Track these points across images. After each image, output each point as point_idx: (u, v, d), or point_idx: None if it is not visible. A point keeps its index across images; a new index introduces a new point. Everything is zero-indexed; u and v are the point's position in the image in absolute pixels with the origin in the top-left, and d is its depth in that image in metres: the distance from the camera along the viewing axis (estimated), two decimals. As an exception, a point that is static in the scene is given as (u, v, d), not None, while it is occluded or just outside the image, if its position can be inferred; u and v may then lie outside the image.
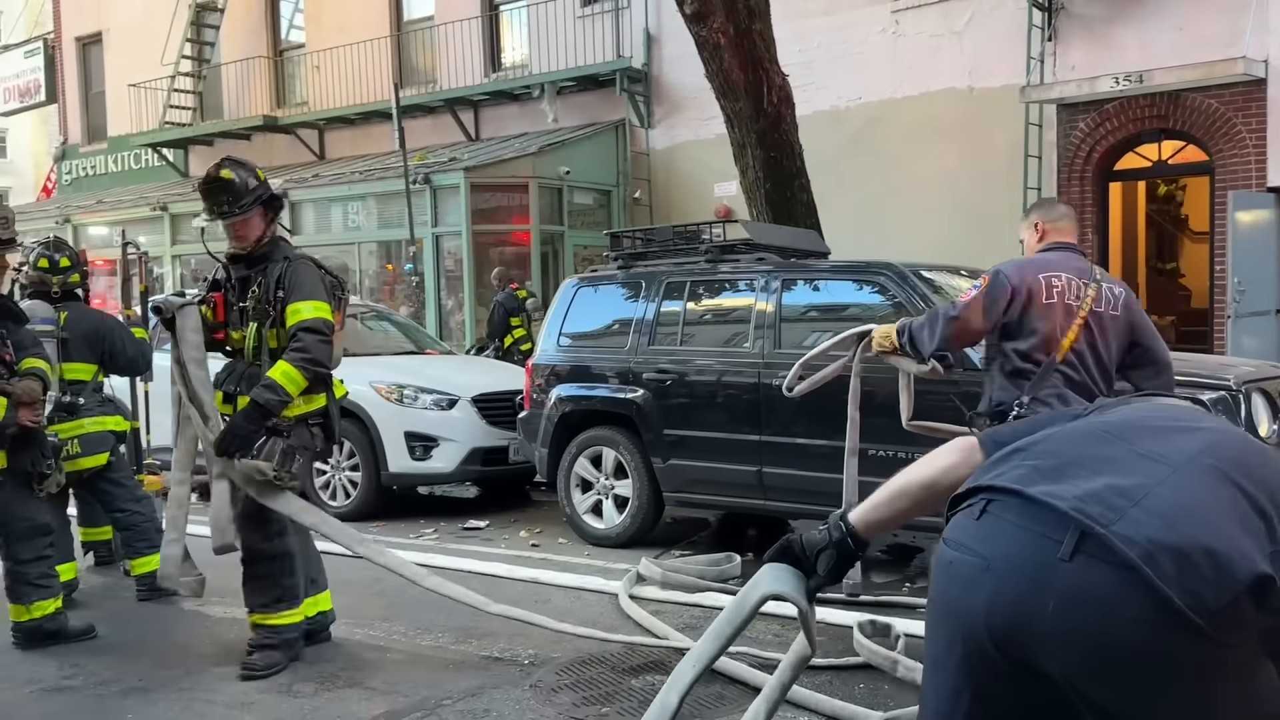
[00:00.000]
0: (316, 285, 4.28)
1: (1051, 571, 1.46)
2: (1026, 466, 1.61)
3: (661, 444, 6.30)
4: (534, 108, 14.62)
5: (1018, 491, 1.56)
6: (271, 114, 17.26)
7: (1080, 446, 1.64)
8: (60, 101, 21.45)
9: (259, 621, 4.30)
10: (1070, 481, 1.52)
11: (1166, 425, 1.67)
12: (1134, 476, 1.51)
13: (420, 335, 10.28)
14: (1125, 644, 1.41)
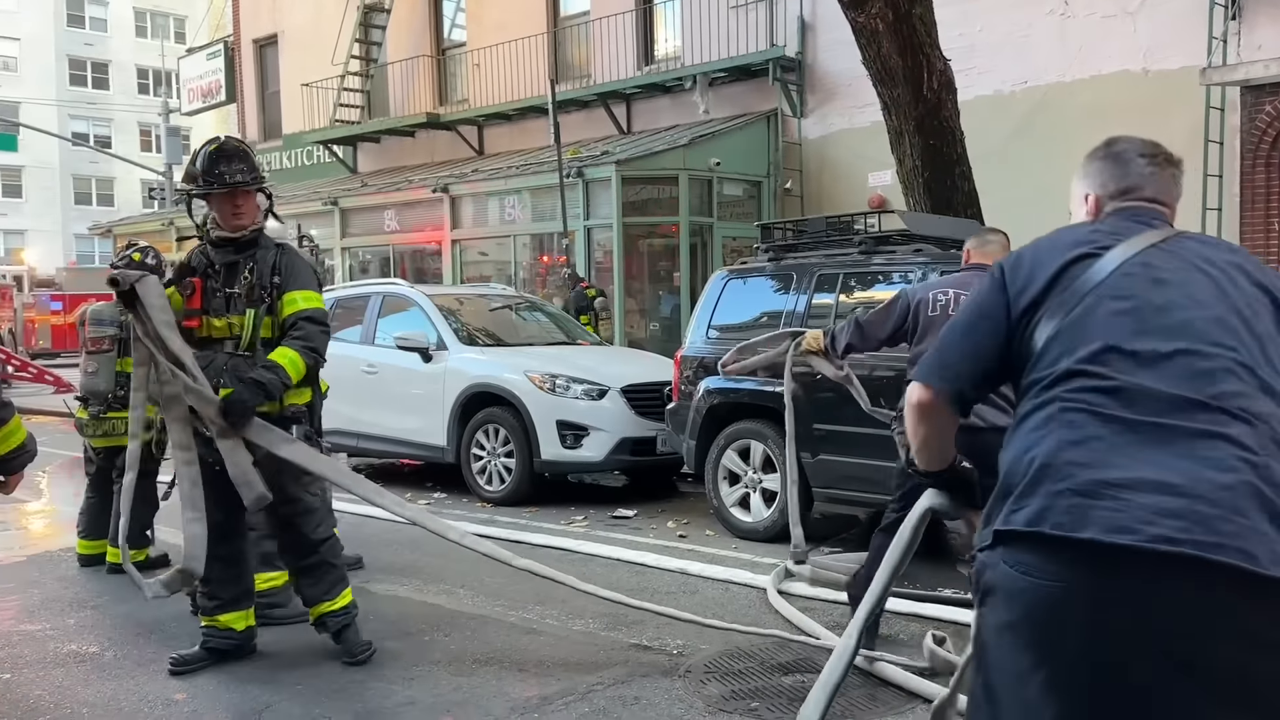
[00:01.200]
0: (311, 276, 4.27)
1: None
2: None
3: (811, 438, 6.22)
4: (685, 99, 14.63)
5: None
6: (434, 111, 17.85)
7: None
8: (239, 101, 22.76)
9: (325, 610, 4.29)
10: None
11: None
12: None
13: (572, 326, 10.45)
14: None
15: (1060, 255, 1.96)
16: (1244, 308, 1.86)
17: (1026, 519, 1.74)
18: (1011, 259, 2.04)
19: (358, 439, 8.93)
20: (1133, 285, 1.88)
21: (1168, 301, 1.86)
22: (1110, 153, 2.11)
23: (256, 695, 3.94)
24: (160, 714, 3.80)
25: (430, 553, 6.34)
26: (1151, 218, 2.03)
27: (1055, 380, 1.86)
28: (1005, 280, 2.01)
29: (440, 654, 4.39)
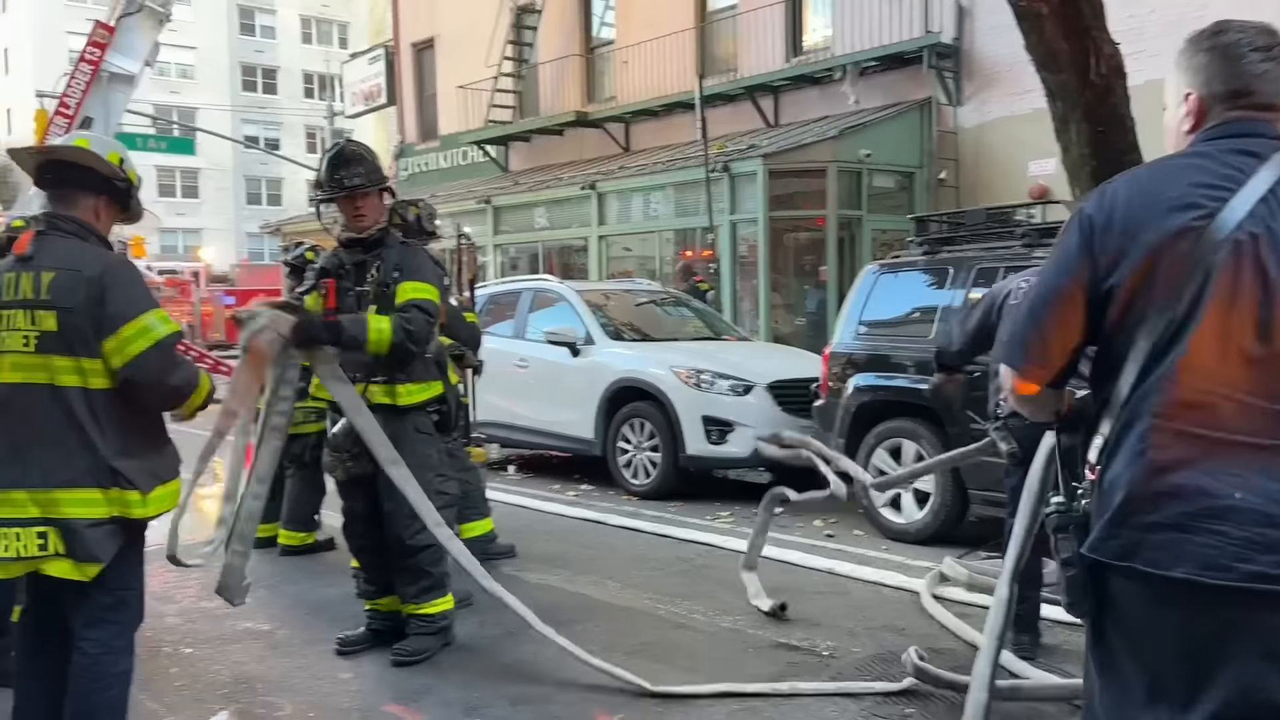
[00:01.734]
0: (431, 271, 4.34)
1: None
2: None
3: (968, 439, 6.01)
4: (835, 90, 14.39)
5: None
6: (583, 110, 18.10)
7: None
8: (398, 103, 23.62)
9: (411, 611, 4.33)
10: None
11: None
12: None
13: (717, 321, 10.43)
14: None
15: (1160, 223, 1.71)
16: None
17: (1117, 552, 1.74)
18: (1102, 214, 1.77)
19: (509, 430, 9.15)
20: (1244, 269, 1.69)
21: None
22: (1218, 44, 1.84)
23: (417, 677, 4.08)
24: (328, 690, 3.98)
25: (579, 544, 6.45)
26: (1267, 138, 1.78)
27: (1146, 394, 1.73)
28: (1094, 242, 1.77)
29: (592, 643, 4.44)
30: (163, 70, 39.38)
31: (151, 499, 2.85)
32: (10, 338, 2.80)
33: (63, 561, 2.78)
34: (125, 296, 2.85)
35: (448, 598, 4.42)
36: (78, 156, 2.96)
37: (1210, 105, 1.84)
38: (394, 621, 4.42)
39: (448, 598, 4.42)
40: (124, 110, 21.17)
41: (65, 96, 19.42)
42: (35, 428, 2.78)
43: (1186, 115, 1.88)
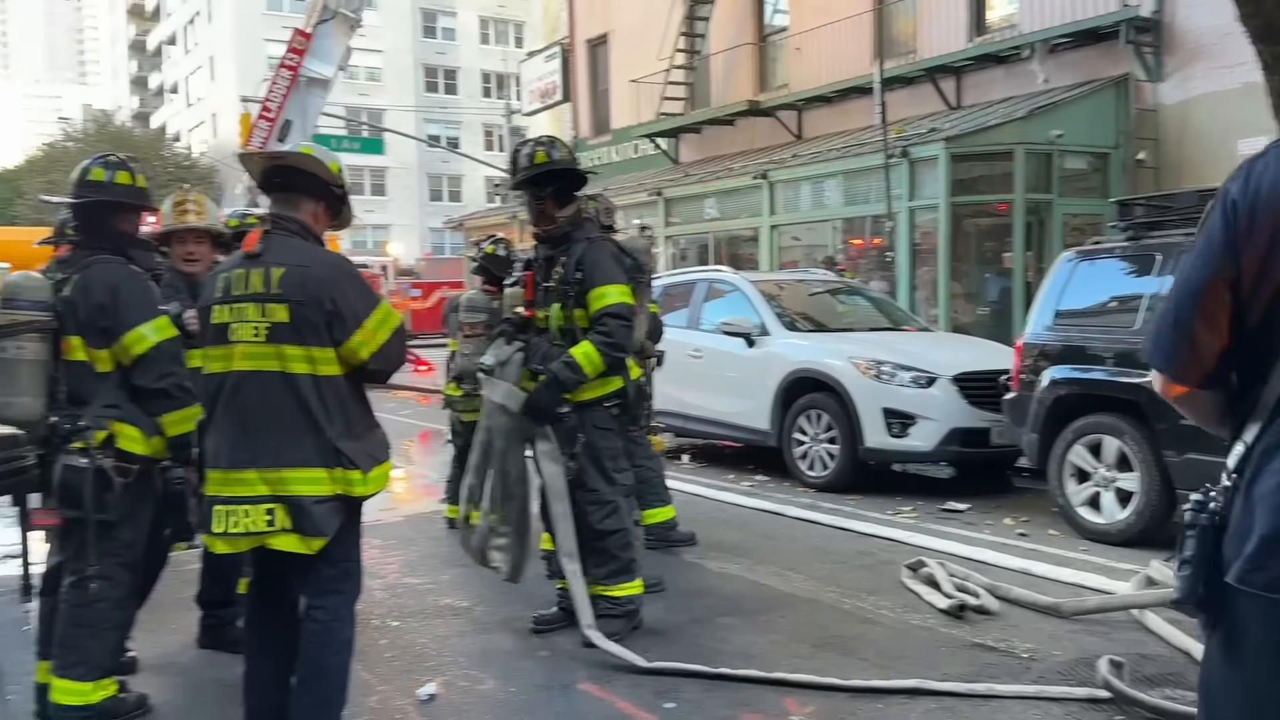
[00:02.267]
0: (614, 268, 4.32)
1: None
2: None
3: (1177, 435, 5.67)
4: (1021, 70, 13.79)
5: None
6: (754, 98, 18.00)
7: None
8: (573, 99, 24.11)
9: (599, 593, 4.40)
10: None
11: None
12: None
13: (896, 311, 10.19)
14: None
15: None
16: None
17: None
18: (1247, 195, 1.56)
19: (684, 420, 9.22)
20: None
21: None
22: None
23: (610, 658, 4.17)
24: (527, 667, 4.13)
25: (758, 534, 6.44)
26: None
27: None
28: (1239, 226, 1.55)
29: (777, 634, 4.45)
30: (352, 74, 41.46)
31: (370, 478, 3.06)
32: (241, 329, 3.04)
33: (289, 536, 3.00)
34: (358, 293, 3.09)
35: (636, 582, 4.50)
36: (303, 163, 3.19)
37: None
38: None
39: (636, 582, 4.50)
40: (320, 113, 22.48)
41: (267, 101, 20.75)
42: (266, 412, 3.01)
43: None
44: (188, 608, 4.89)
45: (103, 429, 3.51)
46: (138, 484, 3.60)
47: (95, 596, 3.52)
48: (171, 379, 3.56)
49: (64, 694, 3.52)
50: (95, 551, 3.50)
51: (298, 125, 21.54)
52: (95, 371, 3.54)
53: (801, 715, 3.63)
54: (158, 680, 4.09)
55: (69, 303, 3.52)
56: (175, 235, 4.27)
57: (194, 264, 4.23)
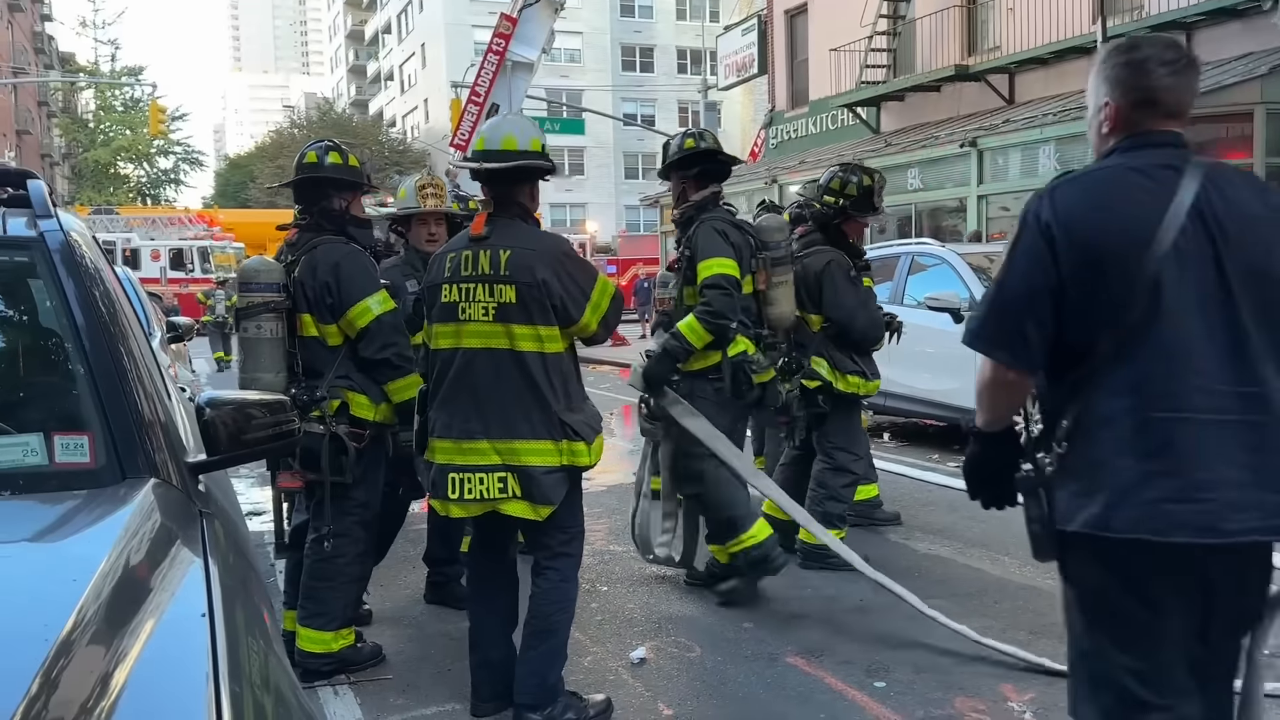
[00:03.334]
0: (716, 243, 4.38)
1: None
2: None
3: None
4: (1263, 23, 12.64)
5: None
6: (962, 63, 17.29)
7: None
8: (769, 72, 23.87)
9: (715, 553, 4.64)
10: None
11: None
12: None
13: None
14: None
15: (1113, 234, 1.95)
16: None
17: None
18: (1060, 221, 1.99)
19: (885, 397, 9.00)
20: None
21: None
22: (1131, 60, 2.08)
23: (817, 632, 4.18)
24: (732, 637, 4.20)
25: (967, 516, 6.24)
26: (1176, 147, 2.04)
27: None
28: (1056, 247, 1.99)
29: (990, 619, 4.31)
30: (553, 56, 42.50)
31: (594, 449, 3.19)
32: (471, 308, 3.21)
33: (519, 503, 3.17)
34: (581, 272, 3.25)
35: (740, 538, 4.48)
36: (518, 165, 3.26)
37: (1126, 113, 2.08)
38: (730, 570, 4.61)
39: (740, 538, 4.48)
40: (525, 95, 23.20)
41: (475, 85, 21.60)
42: (497, 387, 3.18)
43: (1105, 120, 2.11)
44: (415, 565, 5.22)
45: (336, 398, 3.78)
46: (370, 448, 3.87)
47: (334, 553, 3.81)
48: (394, 349, 3.79)
49: (308, 641, 3.83)
50: (333, 511, 3.78)
51: (504, 109, 22.34)
52: (327, 345, 3.81)
53: (1019, 702, 3.52)
54: (391, 632, 4.39)
55: (299, 283, 3.80)
56: (417, 217, 4.54)
57: (434, 244, 4.49)
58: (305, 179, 3.95)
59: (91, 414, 1.99)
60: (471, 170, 3.35)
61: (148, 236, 30.96)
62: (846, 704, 3.55)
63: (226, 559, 1.82)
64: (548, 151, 3.38)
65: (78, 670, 1.28)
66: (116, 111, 55.52)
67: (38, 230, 2.24)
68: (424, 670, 3.98)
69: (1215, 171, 2.02)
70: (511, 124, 3.40)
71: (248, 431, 2.05)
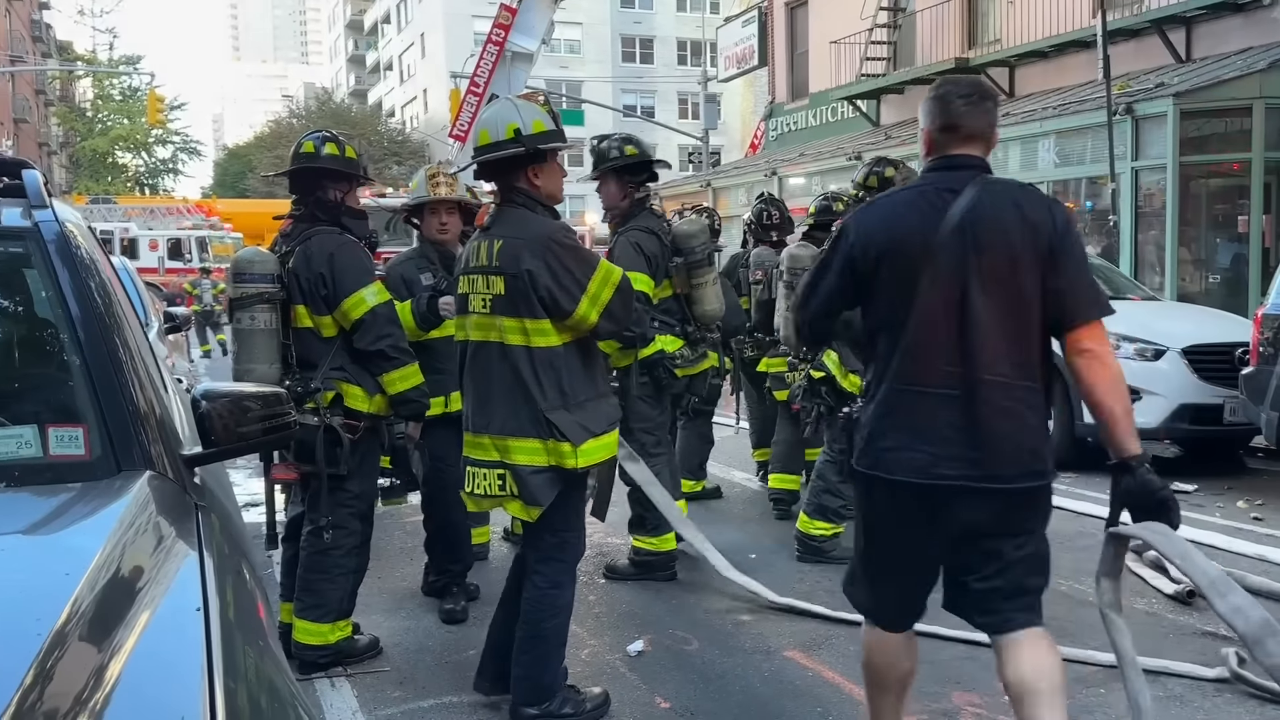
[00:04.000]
0: (630, 256, 4.55)
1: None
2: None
3: None
4: (1263, 17, 12.60)
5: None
6: (963, 56, 17.24)
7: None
8: (770, 64, 23.80)
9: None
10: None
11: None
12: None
13: (1117, 277, 9.58)
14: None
15: (893, 246, 2.53)
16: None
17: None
18: (861, 238, 2.58)
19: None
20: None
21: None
22: (936, 96, 2.62)
23: (819, 627, 4.17)
24: (730, 631, 4.21)
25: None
26: (968, 168, 2.54)
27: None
28: (855, 256, 2.61)
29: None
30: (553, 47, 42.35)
31: (582, 451, 3.10)
32: (474, 300, 3.20)
33: (515, 502, 3.16)
34: (575, 261, 3.14)
35: (653, 540, 4.84)
36: (494, 152, 3.19)
37: (934, 137, 2.59)
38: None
39: (653, 540, 4.84)
40: (524, 86, 23.11)
41: (475, 76, 21.53)
42: (492, 381, 3.16)
43: (922, 144, 2.65)
44: (412, 556, 5.22)
45: (330, 389, 3.77)
46: (365, 440, 3.85)
47: (330, 544, 3.80)
48: (388, 340, 3.78)
49: (304, 634, 3.83)
50: (328, 503, 3.77)
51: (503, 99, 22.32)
52: (321, 337, 3.80)
53: (1014, 697, 3.51)
54: (388, 623, 4.38)
55: (293, 274, 3.78)
56: (428, 207, 4.51)
57: (446, 234, 4.46)
58: (301, 169, 3.93)
59: (86, 406, 1.97)
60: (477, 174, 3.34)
61: (145, 226, 30.86)
62: (844, 697, 3.55)
63: (222, 552, 1.81)
64: (537, 133, 3.20)
65: (72, 664, 1.28)
66: (114, 100, 55.31)
67: (33, 221, 2.22)
68: (422, 662, 3.98)
69: (990, 189, 2.48)
70: (487, 118, 3.29)
71: (244, 424, 2.03)
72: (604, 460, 3.20)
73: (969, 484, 2.43)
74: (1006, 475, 2.43)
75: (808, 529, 5.08)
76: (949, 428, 2.43)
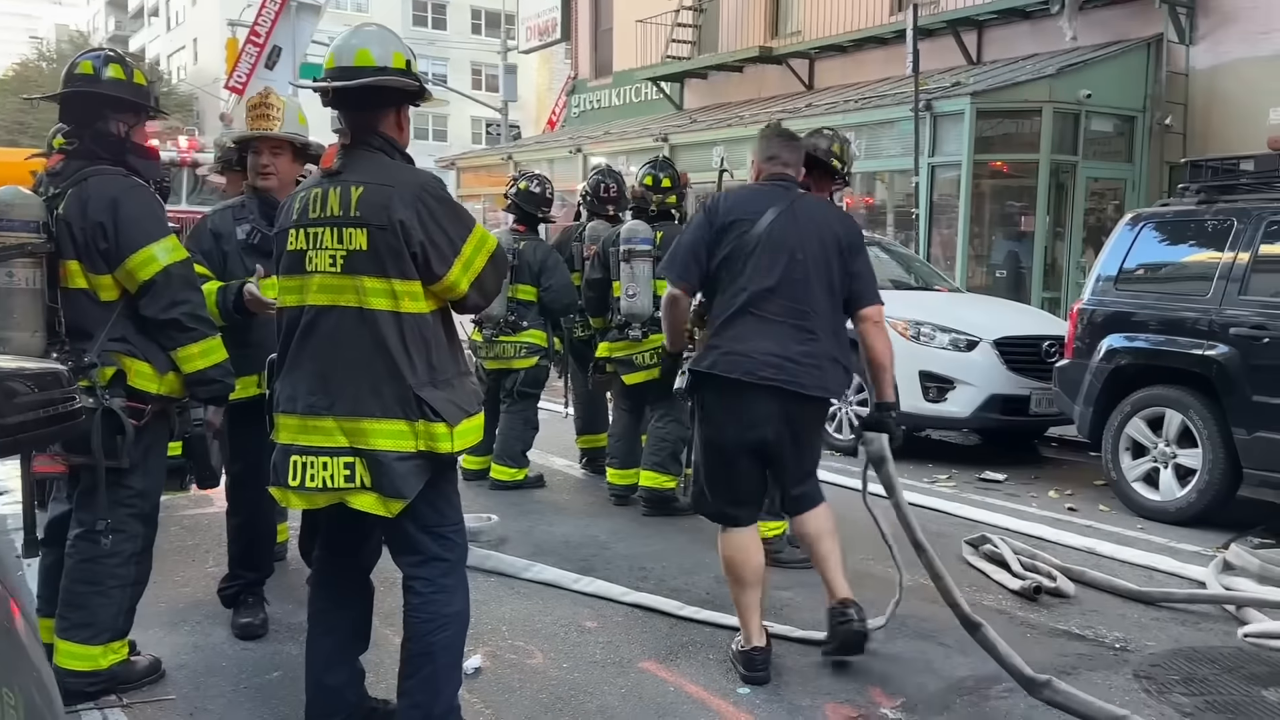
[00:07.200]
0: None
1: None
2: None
3: (1248, 412, 5.37)
4: (1048, 26, 13.30)
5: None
6: (766, 45, 17.42)
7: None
8: (573, 39, 23.36)
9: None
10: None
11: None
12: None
13: (923, 268, 9.80)
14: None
15: (735, 222, 3.49)
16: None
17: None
18: (717, 213, 3.56)
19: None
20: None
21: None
22: (763, 137, 3.74)
23: (675, 634, 3.82)
24: (575, 640, 3.78)
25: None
26: (785, 184, 3.62)
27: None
28: (713, 225, 3.54)
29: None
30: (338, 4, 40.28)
31: (459, 432, 2.62)
32: (319, 257, 2.61)
33: (368, 495, 2.59)
34: (452, 217, 2.66)
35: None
36: (367, 76, 2.67)
37: (761, 165, 3.68)
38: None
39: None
40: (310, 40, 21.59)
41: (256, 25, 19.94)
42: (343, 353, 2.59)
43: (754, 171, 3.72)
44: (193, 558, 4.53)
45: (110, 365, 3.10)
46: (152, 426, 3.21)
47: (105, 551, 3.14)
48: (185, 307, 3.14)
49: (69, 658, 3.16)
50: (105, 502, 3.11)
51: (287, 53, 20.77)
52: (98, 300, 3.12)
53: (890, 707, 3.30)
54: (170, 640, 3.72)
55: (63, 222, 3.08)
56: (250, 144, 3.79)
57: (269, 178, 3.76)
58: (76, 93, 3.20)
59: None
60: (320, 93, 2.71)
61: None
62: (710, 715, 3.23)
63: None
64: (417, 70, 2.78)
65: None
66: None
67: None
68: (215, 687, 3.37)
69: (801, 198, 3.58)
70: (368, 35, 2.75)
71: (9, 412, 1.45)
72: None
73: (780, 384, 3.39)
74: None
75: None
76: (774, 343, 3.40)
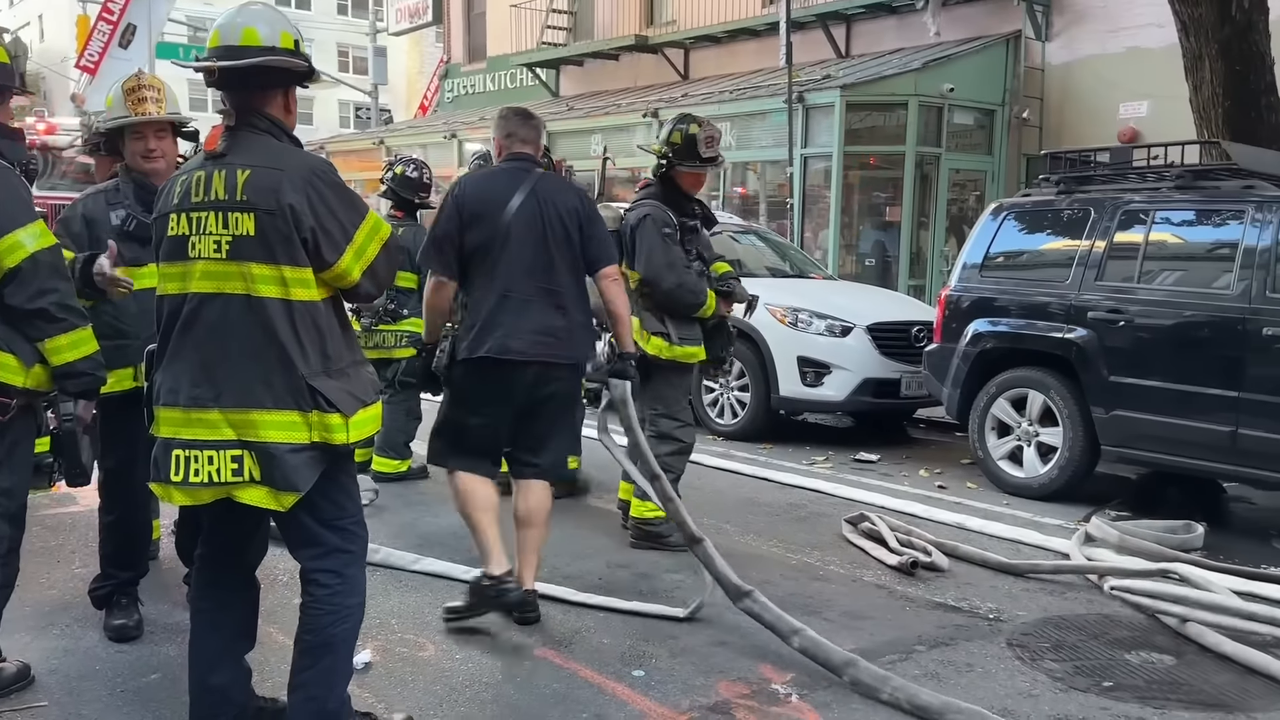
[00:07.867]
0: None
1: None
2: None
3: (1105, 391, 5.69)
4: (913, 21, 13.76)
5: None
6: (641, 33, 17.49)
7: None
8: (445, 22, 22.95)
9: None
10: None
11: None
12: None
13: (798, 256, 10.02)
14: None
15: (486, 207, 3.73)
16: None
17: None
18: (463, 200, 3.77)
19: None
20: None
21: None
22: (501, 115, 3.95)
23: (571, 620, 3.82)
24: (467, 629, 3.74)
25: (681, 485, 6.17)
26: (527, 161, 3.85)
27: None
28: (462, 214, 3.76)
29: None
30: (197, -20, 38.49)
31: (354, 423, 2.55)
32: (202, 243, 2.49)
33: (258, 489, 2.50)
34: (344, 202, 2.58)
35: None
36: (252, 56, 2.58)
37: (502, 142, 3.91)
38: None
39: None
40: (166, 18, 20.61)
41: (109, 3, 18.93)
42: (229, 342, 2.49)
43: (495, 148, 3.96)
44: (59, 559, 4.30)
45: None
46: (17, 422, 3.03)
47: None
48: (53, 297, 2.97)
49: (-76, 670, 2.96)
50: None
51: (143, 31, 19.79)
52: None
53: (781, 684, 3.38)
54: (39, 645, 3.52)
55: None
56: (131, 130, 3.59)
57: (156, 161, 3.57)
58: None
59: None
60: (205, 73, 2.59)
61: None
62: (608, 699, 3.24)
63: None
64: (304, 50, 2.69)
65: None
66: None
67: None
68: (90, 692, 3.21)
69: (543, 177, 3.81)
70: (255, 14, 2.63)
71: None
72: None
73: (528, 358, 3.71)
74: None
75: (640, 513, 4.95)
76: (530, 321, 3.71)
